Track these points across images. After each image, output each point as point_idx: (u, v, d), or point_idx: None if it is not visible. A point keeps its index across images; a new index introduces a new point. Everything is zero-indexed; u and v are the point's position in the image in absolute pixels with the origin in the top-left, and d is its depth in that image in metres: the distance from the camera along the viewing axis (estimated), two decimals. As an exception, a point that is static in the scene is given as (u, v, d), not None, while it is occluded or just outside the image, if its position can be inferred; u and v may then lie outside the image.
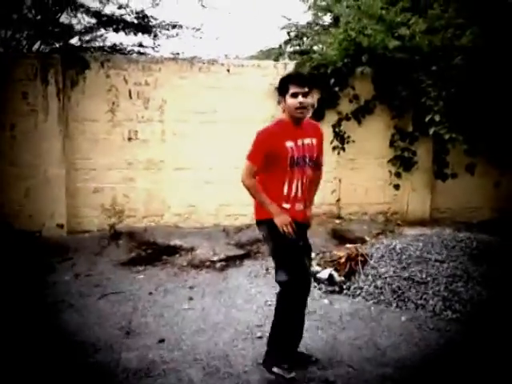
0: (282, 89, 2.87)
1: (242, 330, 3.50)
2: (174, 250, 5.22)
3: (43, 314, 3.78)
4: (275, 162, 2.85)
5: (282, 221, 2.85)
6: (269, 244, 3.05)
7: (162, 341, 3.35)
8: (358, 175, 6.06)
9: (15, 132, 5.47)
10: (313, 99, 2.89)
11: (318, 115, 5.84)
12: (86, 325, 3.60)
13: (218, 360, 3.09)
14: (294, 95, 2.79)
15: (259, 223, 3.04)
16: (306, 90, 2.82)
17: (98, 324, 3.62)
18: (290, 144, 2.84)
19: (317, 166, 3.07)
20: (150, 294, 4.25)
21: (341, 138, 5.82)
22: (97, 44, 6.08)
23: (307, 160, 2.92)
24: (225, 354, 3.16)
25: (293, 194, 2.91)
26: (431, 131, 5.39)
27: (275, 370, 2.86)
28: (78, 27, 6.23)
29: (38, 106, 5.44)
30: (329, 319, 3.72)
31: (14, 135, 5.47)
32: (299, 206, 2.97)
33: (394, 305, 3.97)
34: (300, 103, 2.79)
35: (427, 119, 5.38)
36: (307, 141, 2.93)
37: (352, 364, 3.06)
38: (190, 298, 4.14)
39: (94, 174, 5.69)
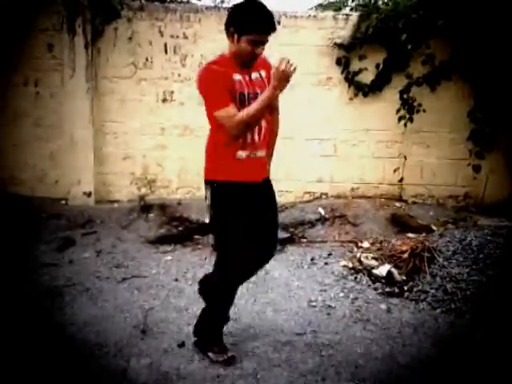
0: (240, 26, 2.29)
1: (278, 339, 2.86)
2: (207, 229, 4.62)
3: (51, 301, 3.29)
4: None
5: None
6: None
7: (181, 345, 2.78)
8: (426, 151, 5.15)
9: (40, 89, 4.98)
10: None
11: (384, 78, 4.95)
12: (97, 318, 3.08)
13: (246, 379, 2.48)
14: (253, 43, 2.30)
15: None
16: (268, 38, 2.33)
17: (111, 317, 3.09)
18: (237, 77, 2.36)
19: (271, 107, 2.48)
20: (176, 280, 3.71)
21: (409, 107, 4.87)
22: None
23: (259, 96, 2.35)
24: (254, 373, 2.53)
25: (249, 139, 2.41)
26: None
27: (211, 355, 2.60)
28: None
29: (64, 60, 4.88)
30: (386, 332, 3.01)
31: (38, 92, 4.98)
32: (258, 155, 2.48)
33: (468, 316, 3.21)
34: (256, 54, 2.34)
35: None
36: (254, 75, 2.43)
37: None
38: (221, 290, 3.56)
39: (124, 138, 5.12)
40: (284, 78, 2.23)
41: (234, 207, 2.45)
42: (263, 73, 2.48)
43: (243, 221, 2.45)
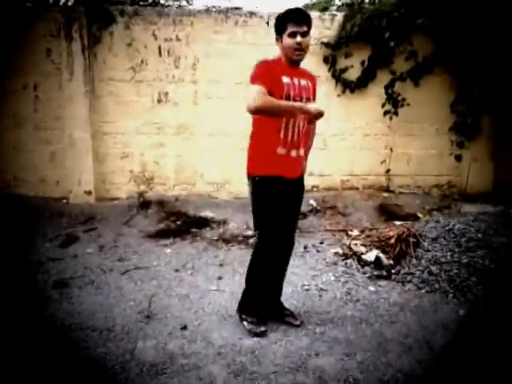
0: (280, 27, 2.64)
1: (275, 320, 3.08)
2: (204, 222, 4.84)
3: (59, 291, 3.49)
4: None
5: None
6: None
7: (184, 327, 2.98)
8: (411, 143, 5.39)
9: (39, 92, 5.17)
10: (310, 39, 2.70)
11: (369, 75, 5.19)
12: (103, 306, 3.28)
13: (245, 356, 2.69)
14: (292, 35, 2.59)
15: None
16: (305, 29, 2.61)
17: (116, 305, 3.29)
18: (286, 80, 2.63)
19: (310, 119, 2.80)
20: (177, 271, 3.91)
21: (394, 101, 5.14)
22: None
23: (304, 101, 2.68)
24: (252, 350, 2.75)
25: (289, 137, 2.69)
26: None
27: (245, 324, 2.90)
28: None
29: (62, 64, 5.08)
30: (374, 311, 3.23)
31: (37, 96, 5.17)
32: (296, 153, 2.75)
33: (451, 295, 3.43)
34: (298, 44, 2.59)
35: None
36: (304, 81, 2.72)
37: (401, 368, 2.59)
38: (219, 278, 3.77)
39: (122, 138, 5.33)
40: (318, 116, 2.66)
41: (271, 198, 2.72)
42: (310, 83, 2.78)
43: (277, 208, 2.73)
